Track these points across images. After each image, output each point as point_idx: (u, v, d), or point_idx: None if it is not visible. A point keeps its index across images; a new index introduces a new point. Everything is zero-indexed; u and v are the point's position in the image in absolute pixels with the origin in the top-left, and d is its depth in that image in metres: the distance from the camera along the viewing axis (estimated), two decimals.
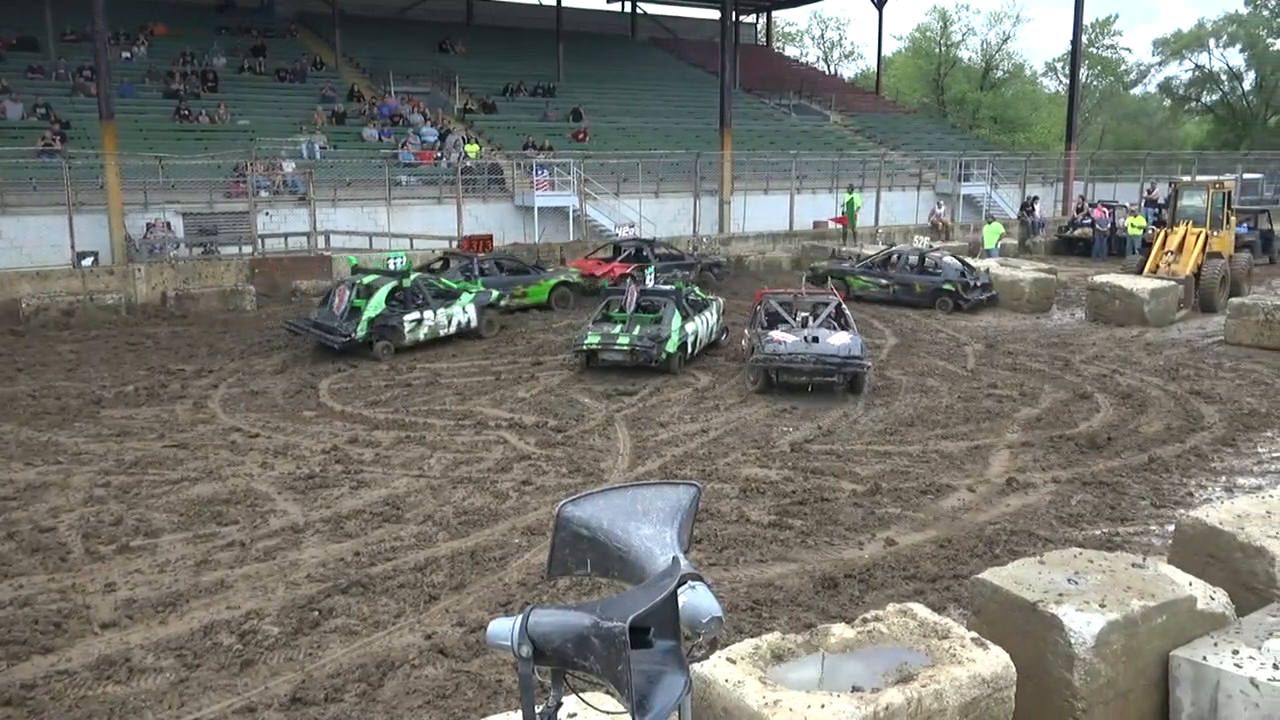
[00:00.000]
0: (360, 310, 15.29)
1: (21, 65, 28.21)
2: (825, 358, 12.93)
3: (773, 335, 13.52)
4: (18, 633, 6.79)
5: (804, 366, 12.92)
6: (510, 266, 20.12)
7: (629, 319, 14.65)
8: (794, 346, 13.16)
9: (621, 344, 14.00)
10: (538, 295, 19.76)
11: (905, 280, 20.42)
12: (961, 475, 10.18)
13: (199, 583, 7.62)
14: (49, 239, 20.48)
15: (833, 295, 15.00)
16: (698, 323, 15.10)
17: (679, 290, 15.23)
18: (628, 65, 42.02)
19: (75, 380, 13.94)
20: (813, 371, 12.93)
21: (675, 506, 2.74)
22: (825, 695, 3.83)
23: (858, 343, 13.40)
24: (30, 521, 8.79)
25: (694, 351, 14.92)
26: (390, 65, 33.83)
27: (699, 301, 15.76)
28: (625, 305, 14.87)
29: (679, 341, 14.22)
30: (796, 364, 12.96)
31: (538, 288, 19.87)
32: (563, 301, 19.94)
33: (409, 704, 5.95)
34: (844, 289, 19.62)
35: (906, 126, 44.35)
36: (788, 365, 13.04)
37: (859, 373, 13.05)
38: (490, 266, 19.32)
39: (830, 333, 13.57)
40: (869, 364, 13.30)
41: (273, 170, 25.13)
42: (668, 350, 13.97)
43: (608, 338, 14.21)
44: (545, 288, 19.97)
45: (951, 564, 7.97)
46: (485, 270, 18.88)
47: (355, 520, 8.91)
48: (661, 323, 14.34)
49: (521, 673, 2.33)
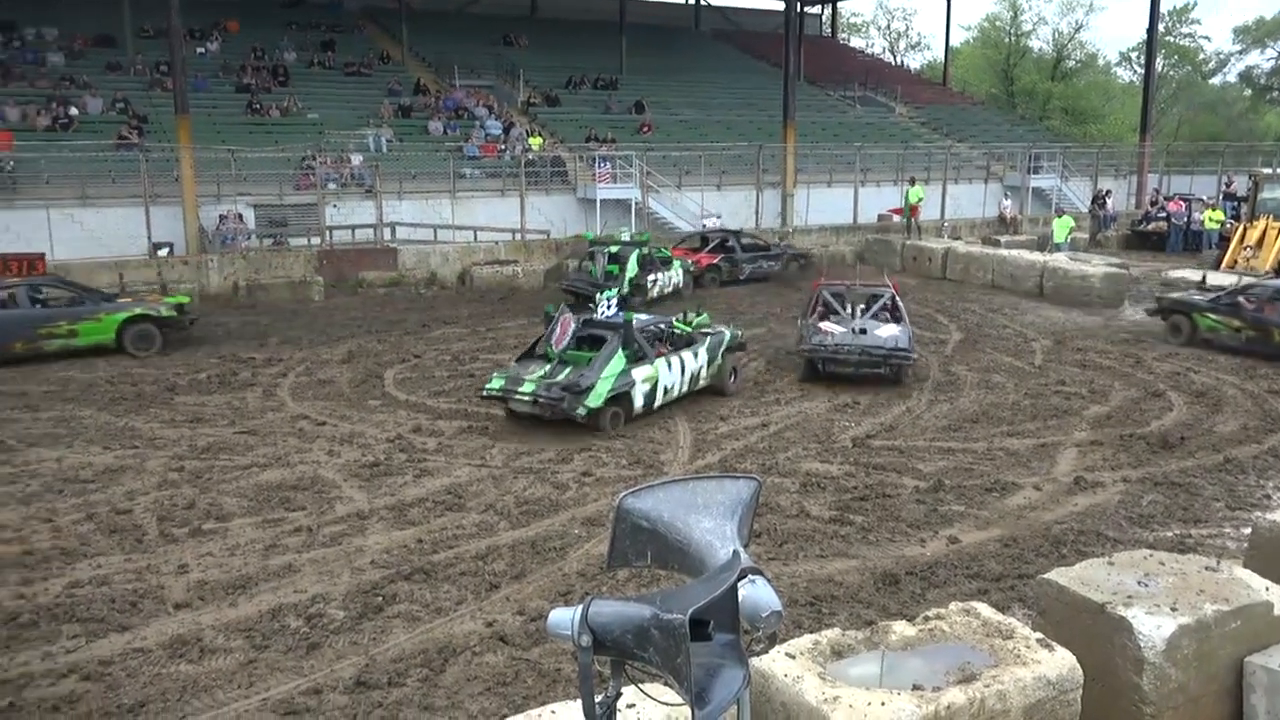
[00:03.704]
0: (615, 274, 18.80)
1: (101, 62, 29.04)
2: (871, 349, 13.03)
3: (821, 326, 13.55)
4: (96, 610, 7.02)
5: (850, 357, 13.03)
6: (53, 297, 15.29)
7: (559, 358, 11.62)
8: (841, 338, 13.22)
9: (523, 392, 11.06)
10: (95, 335, 14.93)
11: (1264, 322, 14.95)
12: (1027, 473, 10.00)
13: (267, 566, 7.81)
14: (127, 230, 21.05)
15: (887, 287, 14.55)
16: (669, 366, 11.91)
17: (628, 323, 11.80)
18: (691, 57, 41.86)
19: (150, 367, 14.34)
20: (858, 363, 13.06)
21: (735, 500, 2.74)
22: (885, 693, 3.79)
23: (905, 335, 13.38)
24: (108, 504, 9.08)
25: (658, 403, 11.85)
26: (455, 59, 34.14)
27: (682, 337, 12.64)
28: (555, 340, 11.81)
29: (610, 392, 11.12)
30: (842, 355, 13.07)
31: (95, 324, 14.96)
32: (142, 342, 15.07)
33: (470, 690, 6.03)
34: (1190, 328, 15.93)
35: (974, 118, 43.56)
36: (833, 356, 13.13)
37: (904, 364, 13.17)
38: (16, 295, 14.67)
39: (879, 325, 13.55)
40: (915, 356, 13.41)
41: (340, 163, 25.54)
42: (587, 405, 10.89)
43: (513, 382, 11.27)
44: (110, 324, 15.02)
45: (1016, 563, 7.84)
46: (3, 302, 14.53)
47: (418, 508, 9.05)
48: (592, 367, 11.28)
49: (581, 662, 2.35)
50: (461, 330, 17.30)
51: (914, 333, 14.10)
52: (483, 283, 21.76)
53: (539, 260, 23.39)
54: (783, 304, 19.58)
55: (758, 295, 20.97)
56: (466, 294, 21.26)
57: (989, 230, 29.47)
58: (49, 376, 13.70)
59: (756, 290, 21.54)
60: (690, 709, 2.19)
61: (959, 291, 21.37)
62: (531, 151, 28.58)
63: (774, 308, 19.39)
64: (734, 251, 22.45)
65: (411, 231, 24.01)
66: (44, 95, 25.76)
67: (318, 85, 31.22)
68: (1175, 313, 16.28)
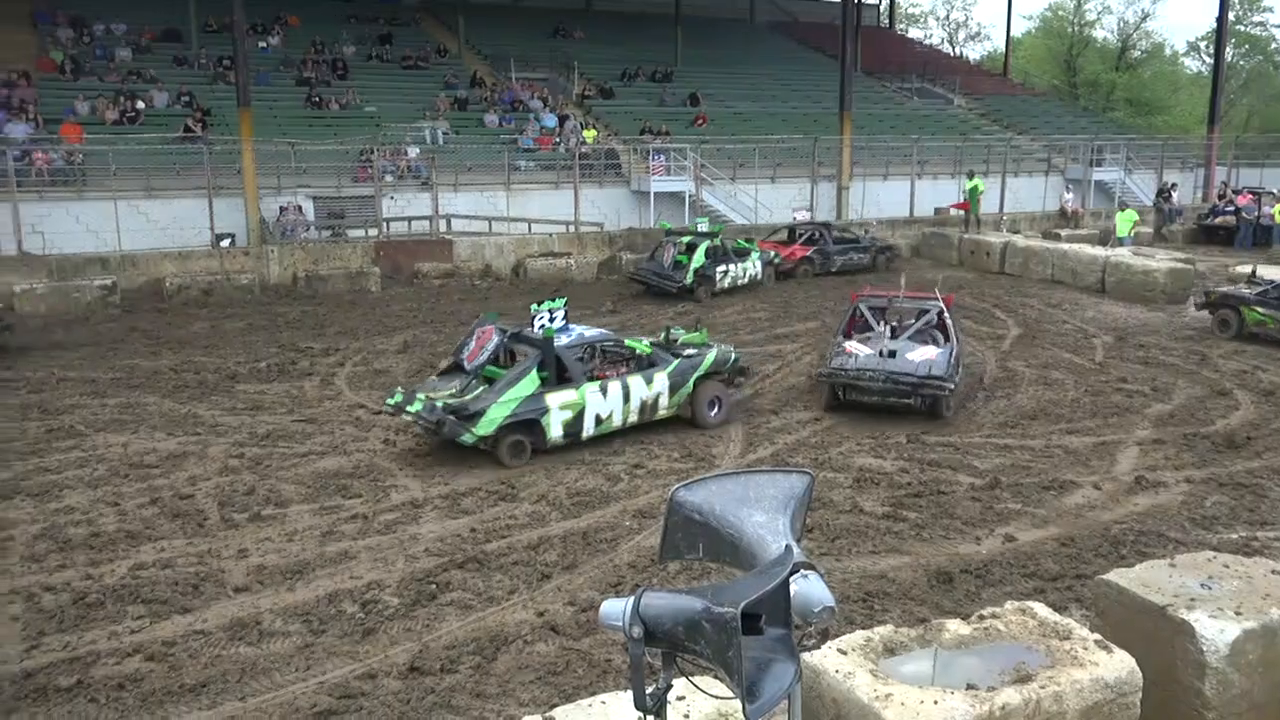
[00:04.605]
0: (684, 264, 19.17)
1: (167, 56, 29.68)
2: (899, 375, 11.22)
3: (845, 346, 11.82)
4: (159, 592, 7.21)
5: (872, 384, 11.27)
6: None
7: (474, 374, 10.44)
8: (865, 360, 11.47)
9: (410, 411, 10.08)
10: None
11: None
12: (1087, 472, 9.82)
13: (324, 552, 7.95)
14: (190, 221, 21.50)
15: (936, 301, 12.43)
16: (604, 392, 10.48)
17: (548, 341, 10.36)
18: (746, 49, 41.61)
19: (213, 356, 14.65)
20: (883, 391, 11.31)
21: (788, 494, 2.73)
22: (938, 691, 3.76)
23: (945, 360, 11.42)
24: (171, 489, 9.31)
25: (588, 434, 10.45)
26: (511, 52, 34.32)
27: (642, 359, 11.11)
28: (469, 355, 10.60)
29: (508, 419, 9.86)
30: (864, 381, 11.31)
31: None
32: None
33: (521, 679, 6.09)
34: (1238, 321, 15.71)
35: (1035, 110, 42.75)
36: (854, 382, 11.41)
37: (939, 395, 11.30)
38: None
39: (914, 346, 11.67)
40: (952, 386, 11.31)
41: (397, 155, 25.82)
42: (474, 432, 9.75)
43: (408, 399, 10.19)
44: None
45: (1074, 563, 7.71)
46: None
47: (471, 497, 9.15)
48: (493, 388, 10.10)
49: (633, 654, 2.36)
50: (516, 322, 17.38)
51: (961, 355, 12.13)
52: (536, 275, 21.88)
53: (592, 253, 23.45)
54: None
55: (846, 288, 20.83)
56: (520, 286, 21.39)
57: (1049, 224, 28.95)
58: (115, 364, 14.06)
59: (847, 282, 21.41)
60: (741, 702, 2.19)
61: (1017, 286, 21.02)
62: (586, 144, 28.64)
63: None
64: (825, 244, 22.64)
65: (467, 223, 24.20)
66: (112, 89, 26.39)
67: (376, 78, 31.58)
68: (1223, 306, 16.14)
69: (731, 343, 13.50)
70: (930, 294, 12.82)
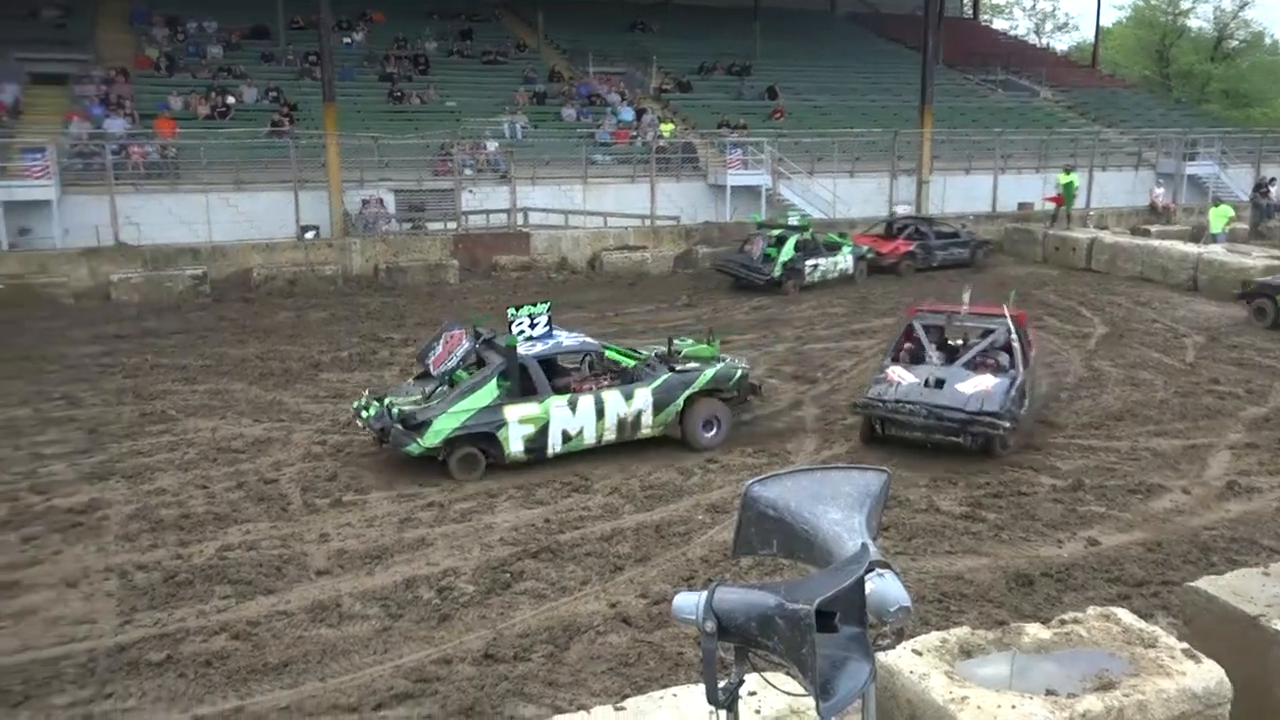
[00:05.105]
0: (773, 257, 19.27)
1: (256, 53, 30.46)
2: (944, 410, 9.68)
3: (888, 371, 10.39)
4: (245, 574, 7.44)
5: (913, 419, 9.79)
6: None
7: (441, 379, 9.97)
8: (906, 390, 9.97)
9: (364, 417, 9.83)
10: None
11: None
12: (1175, 475, 9.52)
13: (402, 539, 8.11)
14: (276, 213, 22.07)
15: (1003, 319, 10.73)
16: (573, 407, 9.79)
17: (511, 349, 9.73)
18: (826, 42, 41.10)
19: (297, 345, 15.03)
20: (926, 427, 9.88)
21: (864, 491, 2.70)
22: (1016, 696, 3.68)
23: (1001, 392, 9.77)
24: (256, 473, 9.58)
25: (555, 450, 9.80)
26: (589, 46, 34.45)
27: (627, 372, 10.43)
28: (435, 360, 10.17)
29: (458, 431, 9.36)
30: (903, 414, 9.83)
31: None
32: None
33: (593, 669, 6.14)
34: (1275, 311, 15.45)
35: (1125, 102, 41.43)
36: (892, 415, 9.94)
37: (991, 434, 9.69)
38: None
39: (966, 375, 10.10)
40: (1008, 424, 9.63)
41: (477, 149, 26.13)
42: (420, 443, 9.29)
43: (368, 403, 9.96)
44: None
45: (1160, 569, 7.50)
46: None
47: (546, 488, 9.24)
48: (446, 397, 9.67)
49: (705, 647, 2.36)
50: (590, 315, 17.50)
51: (1031, 384, 10.50)
52: (612, 268, 21.97)
53: (668, 246, 23.47)
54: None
55: (930, 285, 20.54)
56: (596, 279, 21.51)
57: (1138, 220, 28.06)
58: (205, 352, 14.51)
59: (948, 277, 21.14)
60: (815, 700, 2.18)
61: (1104, 284, 20.44)
62: (663, 138, 28.63)
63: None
64: (927, 238, 22.49)
65: (543, 217, 24.39)
66: (204, 85, 27.18)
67: (456, 73, 31.97)
68: (1260, 296, 16.13)
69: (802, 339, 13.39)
70: (998, 309, 11.04)
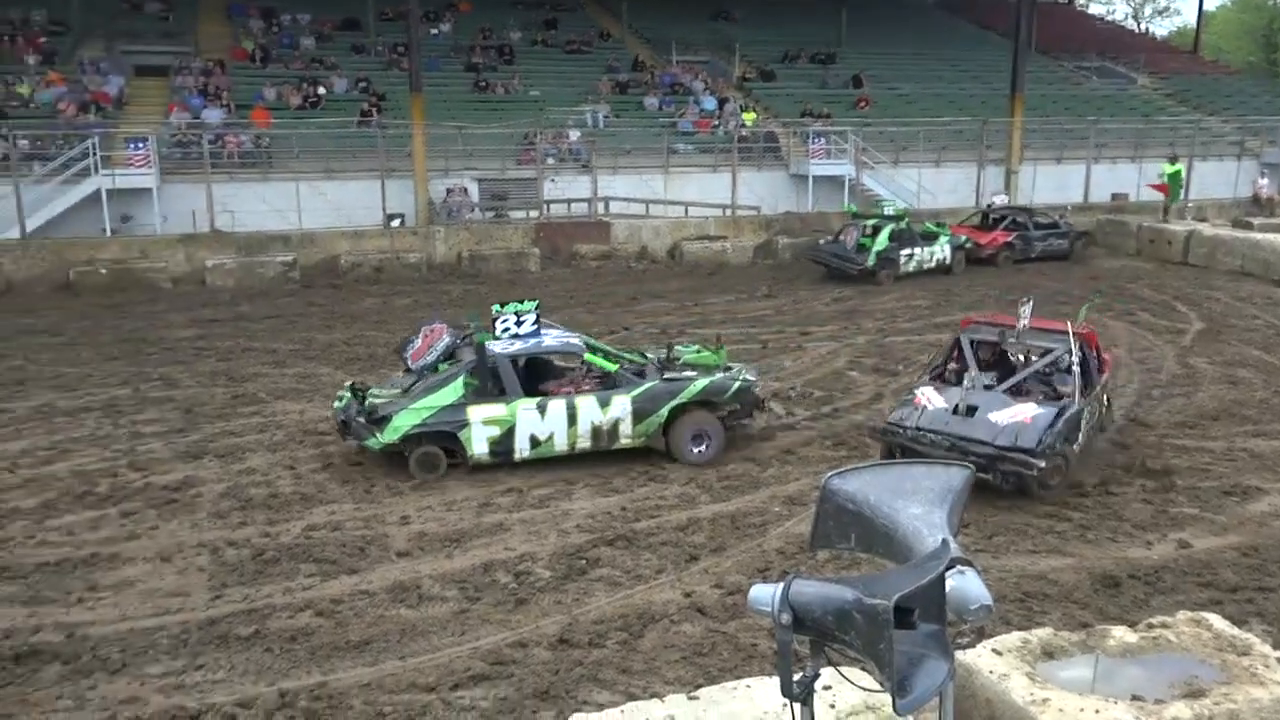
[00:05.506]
0: (867, 247, 19.23)
1: (346, 44, 31.10)
2: (969, 443, 8.48)
3: (916, 394, 9.28)
4: (329, 553, 7.64)
5: (933, 451, 8.53)
6: None
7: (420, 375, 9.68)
8: (931, 417, 8.82)
9: (334, 408, 9.87)
10: None
11: None
12: (1274, 478, 9.16)
13: (480, 523, 8.24)
14: (364, 201, 22.55)
15: (1065, 337, 9.24)
16: (541, 411, 9.33)
17: (481, 348, 9.36)
18: (913, 29, 40.30)
19: (382, 331, 15.34)
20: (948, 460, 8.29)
21: (946, 487, 2.66)
22: (1100, 700, 3.60)
23: (1042, 425, 8.46)
24: (341, 455, 9.82)
25: (524, 454, 9.38)
26: (672, 35, 34.37)
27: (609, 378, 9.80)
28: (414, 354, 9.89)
29: (418, 428, 9.09)
30: (923, 445, 8.67)
31: None
32: None
33: (666, 657, 6.16)
34: None
35: (1228, 89, 39.79)
36: (912, 443, 8.74)
37: (1024, 474, 8.35)
38: None
39: (1004, 402, 8.83)
40: (1043, 464, 8.26)
41: (559, 139, 26.30)
42: (378, 438, 9.09)
43: (339, 397, 9.91)
44: None
45: (1256, 575, 7.22)
46: None
47: (622, 477, 9.28)
48: (410, 393, 9.44)
49: (780, 640, 2.35)
50: (670, 304, 17.52)
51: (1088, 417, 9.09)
52: (692, 258, 21.95)
53: (748, 236, 23.34)
54: (1059, 284, 18.69)
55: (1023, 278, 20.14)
56: (676, 268, 21.51)
57: (1239, 211, 26.98)
58: (294, 336, 14.91)
59: (1046, 270, 20.85)
60: (891, 697, 2.16)
61: (1202, 278, 19.73)
62: (745, 127, 28.43)
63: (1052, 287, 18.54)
64: (1026, 229, 22.10)
65: (624, 206, 24.47)
66: (296, 76, 27.86)
67: (540, 63, 32.21)
68: None
69: (884, 331, 13.18)
70: (1062, 325, 9.51)
